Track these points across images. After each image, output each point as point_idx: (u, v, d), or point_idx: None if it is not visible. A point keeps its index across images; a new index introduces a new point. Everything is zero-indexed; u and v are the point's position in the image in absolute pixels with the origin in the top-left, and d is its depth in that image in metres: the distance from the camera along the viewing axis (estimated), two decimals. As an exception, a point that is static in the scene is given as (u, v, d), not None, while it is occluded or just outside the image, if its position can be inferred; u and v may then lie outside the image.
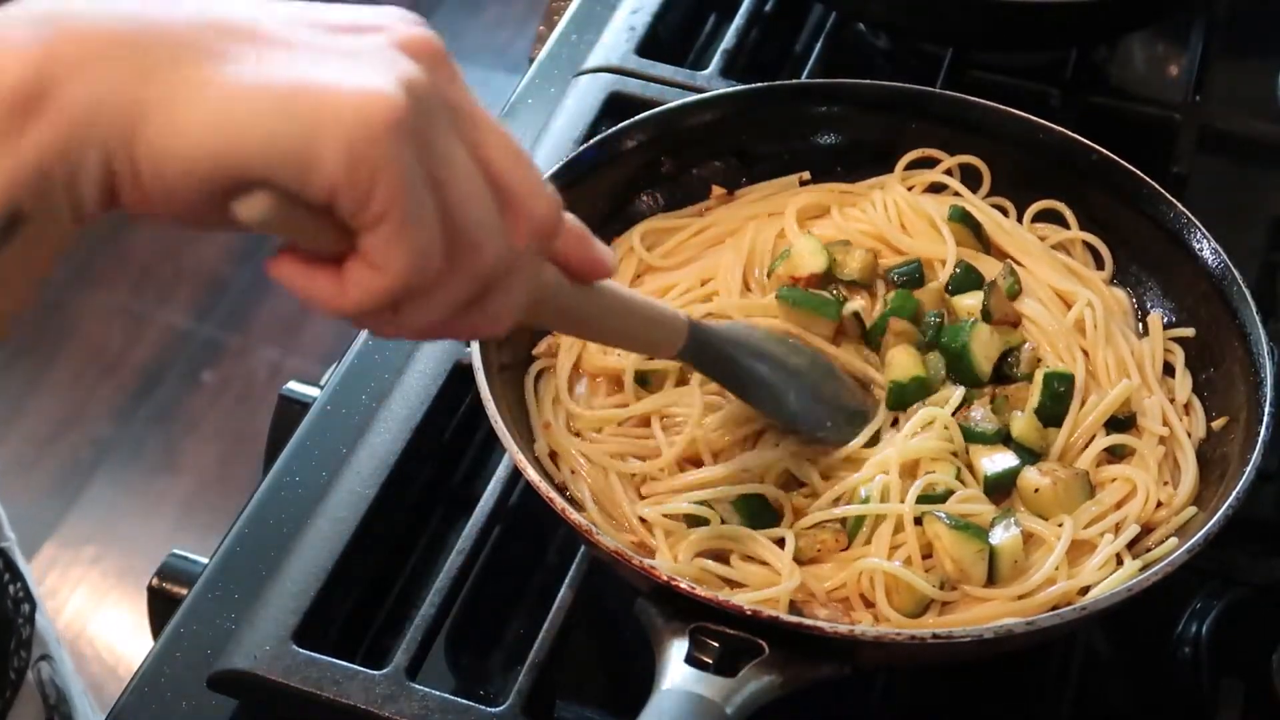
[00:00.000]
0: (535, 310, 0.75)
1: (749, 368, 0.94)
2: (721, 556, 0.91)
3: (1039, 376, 0.98)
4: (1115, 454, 0.98)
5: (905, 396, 0.98)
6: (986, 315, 1.02)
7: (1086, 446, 0.97)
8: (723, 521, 0.92)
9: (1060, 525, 0.92)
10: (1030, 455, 0.96)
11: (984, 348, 1.00)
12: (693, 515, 0.92)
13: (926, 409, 0.96)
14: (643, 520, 0.93)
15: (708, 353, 0.91)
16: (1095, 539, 0.92)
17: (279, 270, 0.65)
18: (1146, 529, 0.94)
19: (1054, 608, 0.88)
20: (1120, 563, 0.91)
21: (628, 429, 0.98)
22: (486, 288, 0.68)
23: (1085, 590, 0.90)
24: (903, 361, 0.99)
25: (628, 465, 0.95)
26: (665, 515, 0.92)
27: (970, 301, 1.03)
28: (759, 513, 0.93)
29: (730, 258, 1.06)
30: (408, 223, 0.62)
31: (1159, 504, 0.95)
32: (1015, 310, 1.04)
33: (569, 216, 0.74)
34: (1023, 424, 0.96)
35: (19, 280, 0.61)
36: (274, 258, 0.65)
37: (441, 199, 0.64)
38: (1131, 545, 0.93)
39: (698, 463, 0.96)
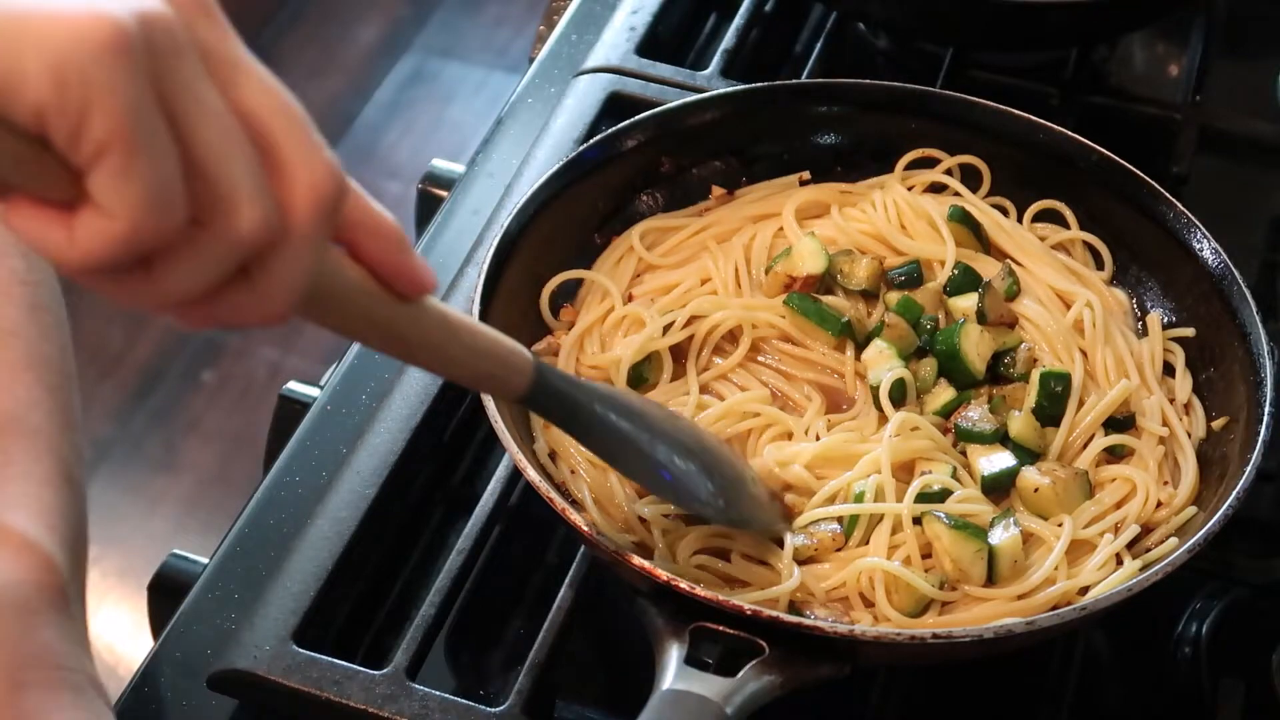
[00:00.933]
0: (337, 314, 0.67)
1: (612, 423, 0.85)
2: (722, 554, 0.91)
3: (1035, 376, 0.98)
4: (1115, 454, 0.98)
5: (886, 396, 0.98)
6: (981, 317, 1.02)
7: (1085, 446, 0.97)
8: (722, 521, 0.92)
9: (1060, 525, 0.92)
10: (1028, 455, 0.96)
11: (975, 346, 1.00)
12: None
13: (905, 413, 0.96)
14: (642, 519, 0.93)
15: (557, 400, 0.82)
16: (1095, 539, 0.92)
17: (7, 218, 0.58)
18: (1146, 529, 0.94)
19: (1054, 608, 0.88)
20: (1120, 563, 0.91)
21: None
22: (253, 259, 0.60)
23: (1085, 590, 0.90)
24: (877, 363, 0.99)
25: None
26: (664, 514, 0.92)
27: (967, 303, 1.03)
28: (759, 512, 0.92)
29: (728, 257, 1.06)
30: (136, 156, 0.55)
31: (1159, 504, 0.95)
32: (1011, 311, 1.04)
33: (385, 220, 0.66)
34: (1020, 424, 0.96)
35: None
36: (3, 203, 0.58)
37: (185, 138, 0.57)
38: (1131, 545, 0.93)
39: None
